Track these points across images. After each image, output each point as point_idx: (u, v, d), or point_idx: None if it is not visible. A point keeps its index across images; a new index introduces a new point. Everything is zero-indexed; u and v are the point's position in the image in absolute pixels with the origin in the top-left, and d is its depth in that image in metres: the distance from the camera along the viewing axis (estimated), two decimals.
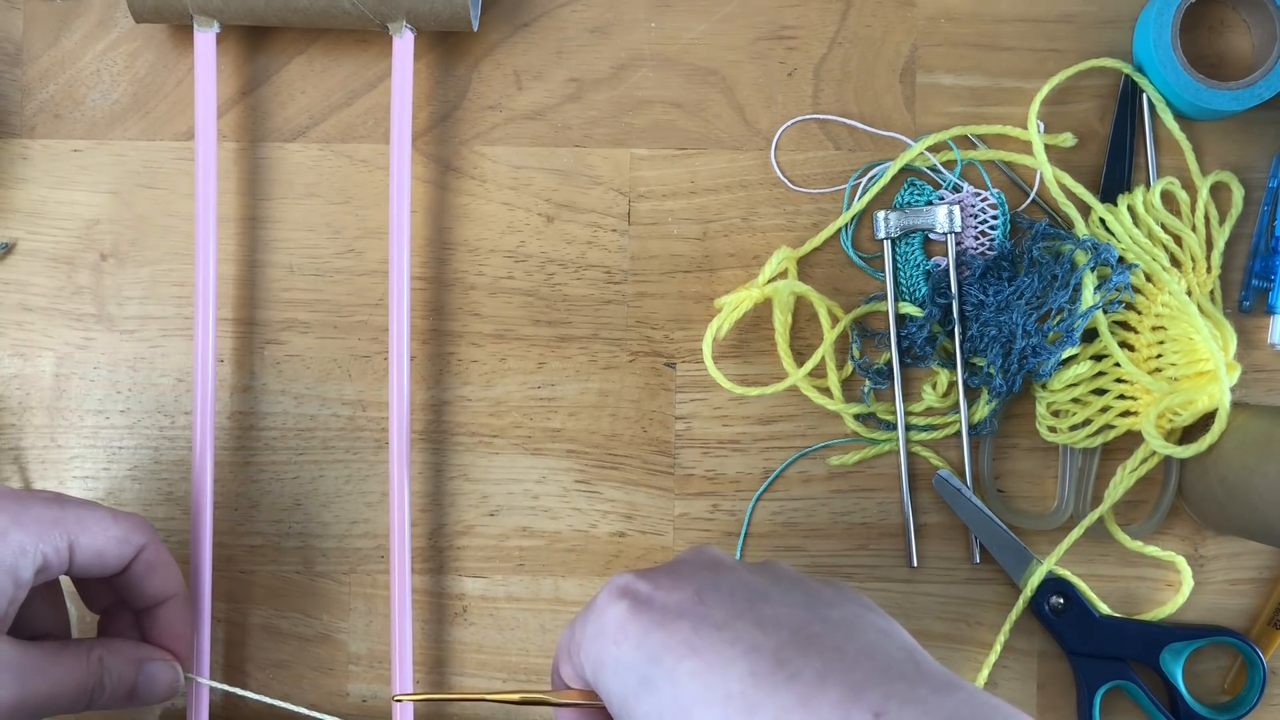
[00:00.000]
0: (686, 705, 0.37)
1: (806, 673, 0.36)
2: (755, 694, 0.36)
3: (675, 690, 0.37)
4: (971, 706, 0.35)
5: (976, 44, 0.58)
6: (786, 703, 0.35)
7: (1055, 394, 0.56)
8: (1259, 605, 0.58)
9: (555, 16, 0.58)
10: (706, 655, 0.38)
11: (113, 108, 0.58)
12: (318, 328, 0.58)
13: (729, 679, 0.37)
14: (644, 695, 0.38)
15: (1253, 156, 0.58)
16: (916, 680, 0.36)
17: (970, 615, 0.58)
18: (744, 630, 0.38)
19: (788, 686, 0.36)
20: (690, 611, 0.39)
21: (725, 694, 0.36)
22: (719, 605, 0.39)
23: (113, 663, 0.48)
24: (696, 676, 0.37)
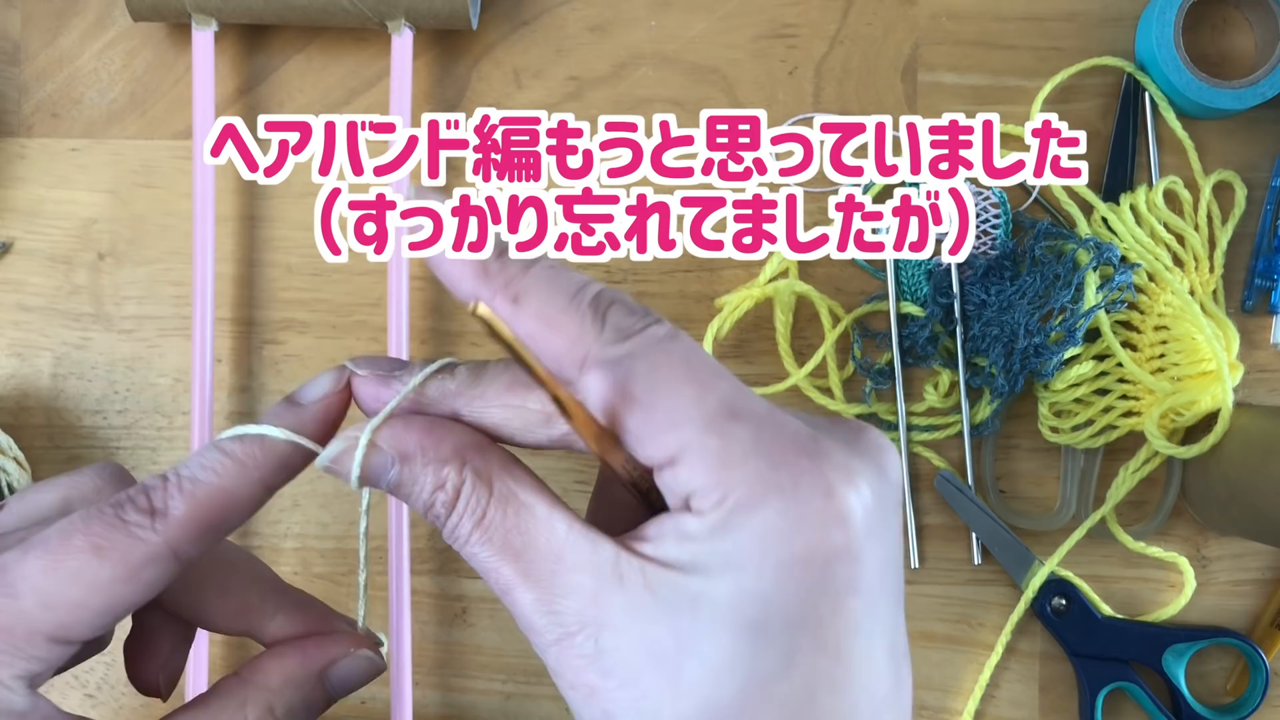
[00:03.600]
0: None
1: None
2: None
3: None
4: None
5: (978, 42, 0.58)
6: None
7: (1057, 394, 0.56)
8: (1262, 606, 0.57)
9: (555, 15, 0.58)
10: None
11: (110, 106, 0.58)
12: (316, 327, 0.58)
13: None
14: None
15: (1255, 155, 0.58)
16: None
17: (972, 616, 0.58)
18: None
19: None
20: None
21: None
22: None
23: (285, 703, 0.36)
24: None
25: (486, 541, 0.31)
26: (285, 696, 0.36)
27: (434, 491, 0.32)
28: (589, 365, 0.30)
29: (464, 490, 0.31)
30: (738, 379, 0.30)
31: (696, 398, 0.29)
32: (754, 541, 0.28)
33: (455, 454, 0.32)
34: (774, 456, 0.29)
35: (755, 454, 0.29)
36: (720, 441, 0.29)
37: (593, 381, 0.30)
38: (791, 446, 0.29)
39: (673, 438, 0.29)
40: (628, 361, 0.30)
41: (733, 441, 0.29)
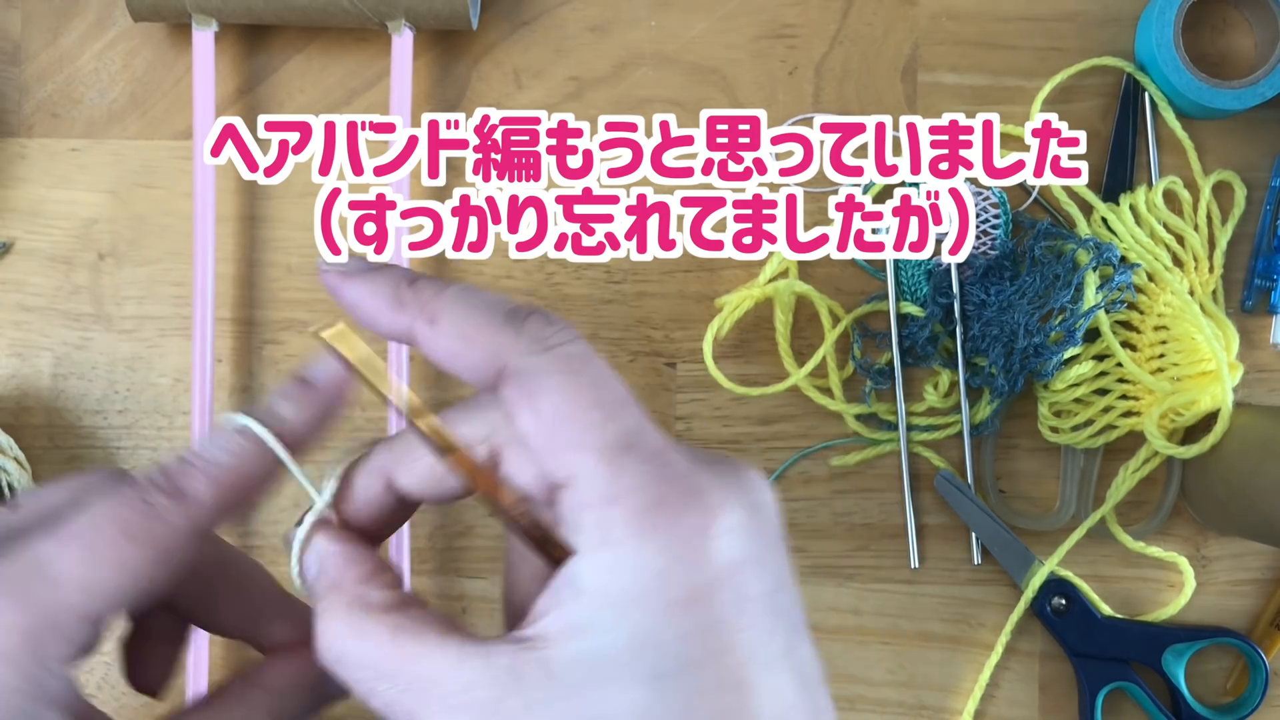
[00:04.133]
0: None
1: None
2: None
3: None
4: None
5: (978, 42, 0.58)
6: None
7: (1057, 394, 0.56)
8: (1261, 606, 0.57)
9: (555, 15, 0.58)
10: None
11: (111, 106, 0.58)
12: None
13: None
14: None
15: (1255, 155, 0.58)
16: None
17: (972, 616, 0.58)
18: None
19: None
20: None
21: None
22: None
23: (286, 709, 0.36)
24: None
25: (384, 658, 0.32)
26: (289, 699, 0.36)
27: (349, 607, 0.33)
28: (505, 376, 0.31)
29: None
30: (642, 411, 0.31)
31: (599, 423, 0.30)
32: (640, 583, 0.29)
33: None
34: (657, 494, 0.29)
35: (640, 490, 0.29)
36: (610, 472, 0.29)
37: (509, 394, 0.31)
38: (673, 484, 0.29)
39: (570, 460, 0.30)
40: (541, 377, 0.30)
41: (622, 474, 0.29)
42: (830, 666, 0.58)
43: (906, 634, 0.58)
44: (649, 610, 0.29)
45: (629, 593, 0.29)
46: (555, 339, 0.31)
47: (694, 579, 0.29)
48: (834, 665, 0.57)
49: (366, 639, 0.32)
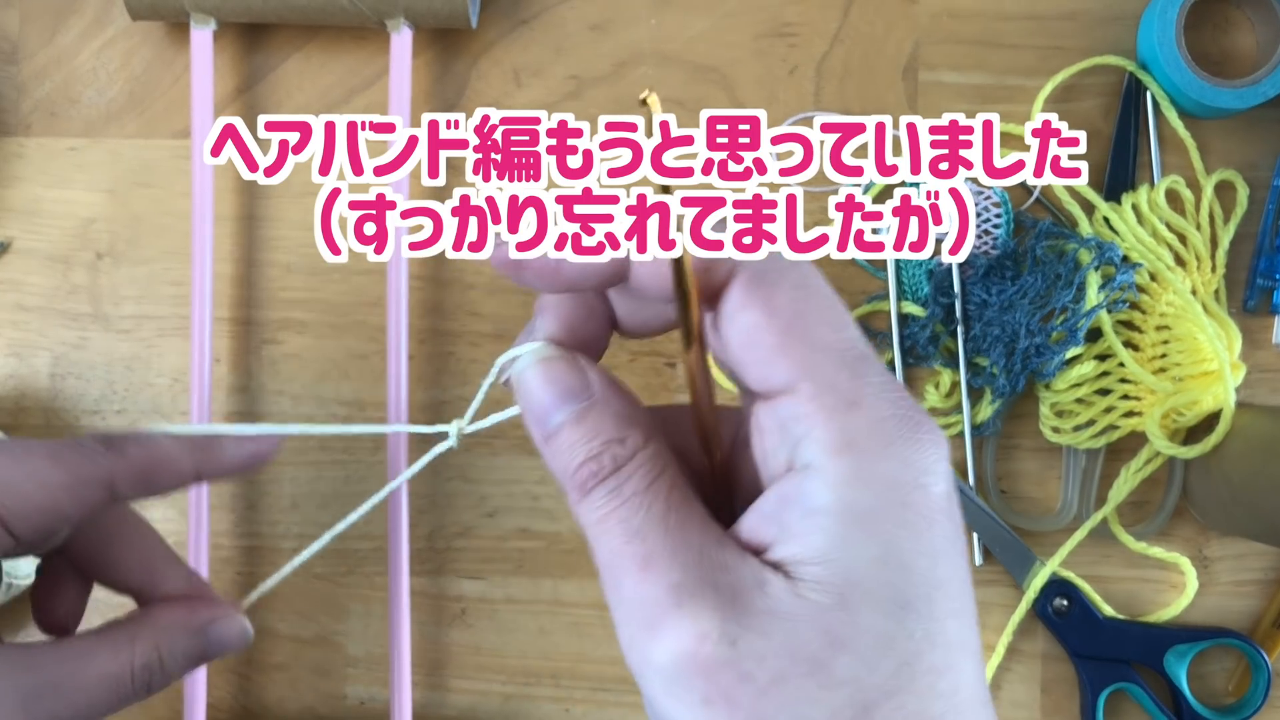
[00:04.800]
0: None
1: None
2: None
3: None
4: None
5: (979, 41, 0.58)
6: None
7: (1059, 394, 0.56)
8: (1263, 607, 0.57)
9: (555, 13, 0.58)
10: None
11: (109, 105, 0.58)
12: (315, 327, 0.58)
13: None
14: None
15: (1257, 154, 0.58)
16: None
17: None
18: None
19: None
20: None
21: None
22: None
23: (169, 643, 0.39)
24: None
25: (645, 507, 0.28)
26: (169, 639, 0.39)
27: (608, 443, 0.29)
28: (737, 271, 0.30)
29: (643, 454, 0.29)
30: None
31: (834, 327, 0.29)
32: (887, 496, 0.27)
33: (646, 421, 0.30)
34: (899, 405, 0.28)
35: (881, 398, 0.28)
36: (850, 378, 0.28)
37: (737, 290, 0.30)
38: (906, 400, 0.28)
39: (803, 359, 0.28)
40: (776, 274, 0.30)
41: (863, 381, 0.28)
42: None
43: None
44: (897, 526, 0.27)
45: (877, 506, 0.27)
46: (785, 256, 0.31)
47: (934, 499, 0.27)
48: None
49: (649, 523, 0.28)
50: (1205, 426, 0.55)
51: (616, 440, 0.29)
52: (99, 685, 0.37)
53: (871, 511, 0.27)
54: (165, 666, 0.39)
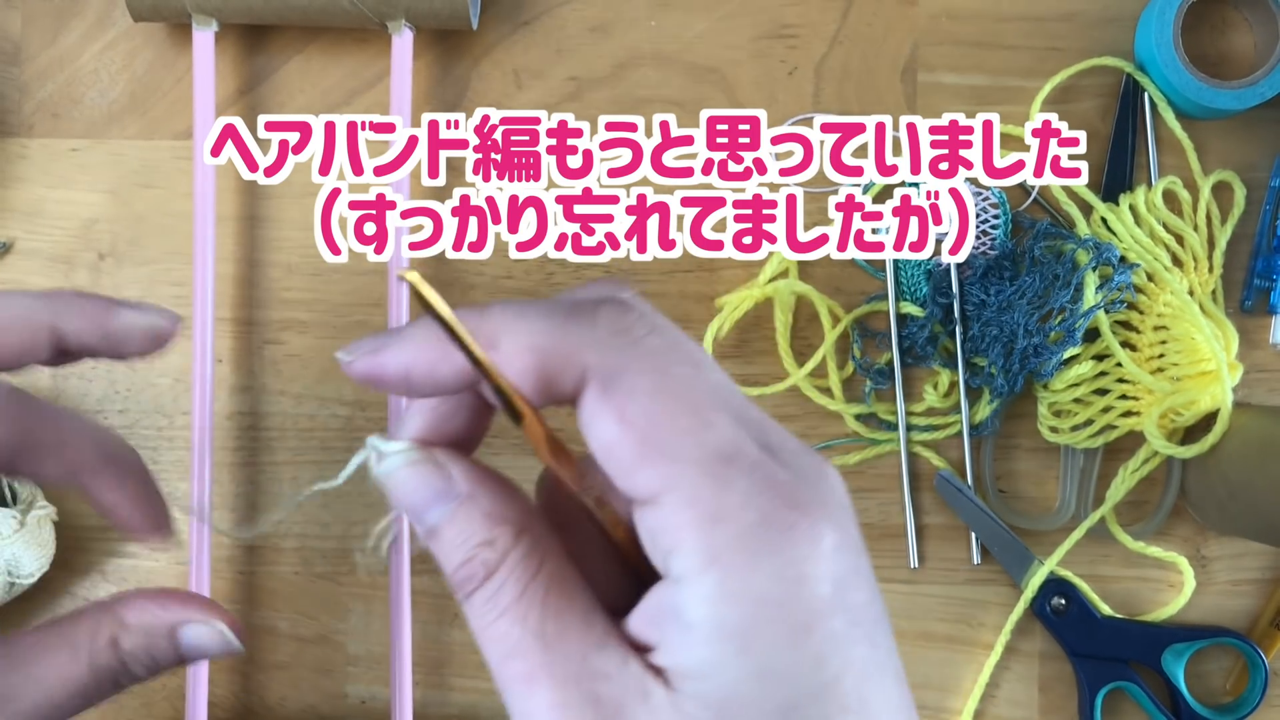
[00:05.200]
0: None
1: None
2: None
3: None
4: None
5: (978, 42, 0.58)
6: None
7: (1057, 394, 0.56)
8: (1261, 606, 0.57)
9: (555, 15, 0.58)
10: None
11: (111, 107, 0.58)
12: (316, 327, 0.58)
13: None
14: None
15: (1254, 155, 0.58)
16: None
17: (971, 616, 0.58)
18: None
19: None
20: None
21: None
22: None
23: (133, 645, 0.35)
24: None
25: (520, 620, 0.27)
26: (134, 636, 0.35)
27: (478, 547, 0.28)
28: (588, 380, 0.27)
29: (513, 556, 0.28)
30: (739, 404, 0.28)
31: (696, 430, 0.27)
32: (759, 612, 0.26)
33: (517, 515, 0.29)
34: (765, 510, 0.26)
35: (746, 506, 0.26)
36: (713, 489, 0.26)
37: (589, 399, 0.27)
38: (778, 499, 0.27)
39: (664, 471, 0.27)
40: (627, 377, 0.27)
41: (726, 489, 0.26)
42: None
43: (906, 634, 0.58)
44: (769, 641, 0.26)
45: (748, 622, 0.26)
46: (637, 329, 0.28)
47: (810, 603, 0.26)
48: None
49: (513, 622, 0.28)
50: (1203, 426, 0.55)
51: (485, 543, 0.28)
52: (57, 689, 0.34)
53: (744, 628, 0.26)
54: (130, 670, 0.35)
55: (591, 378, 0.27)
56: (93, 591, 0.58)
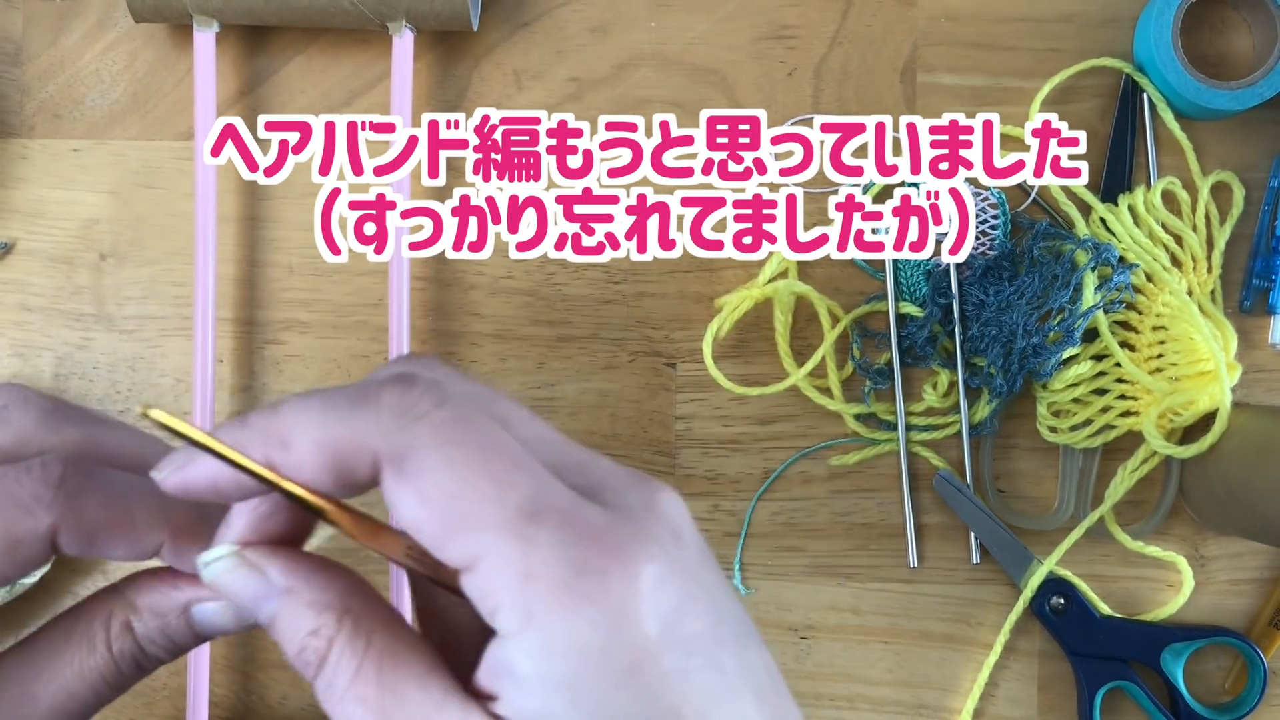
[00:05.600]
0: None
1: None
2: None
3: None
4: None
5: (977, 43, 0.58)
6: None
7: (1056, 394, 0.56)
8: (1260, 605, 0.58)
9: (555, 16, 0.58)
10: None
11: (112, 107, 0.58)
12: (317, 328, 0.58)
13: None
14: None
15: (1253, 156, 0.58)
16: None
17: (970, 615, 0.58)
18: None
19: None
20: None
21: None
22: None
23: (145, 625, 0.34)
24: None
25: (360, 700, 0.28)
26: (147, 620, 0.34)
27: (307, 637, 0.29)
28: (381, 465, 0.28)
29: (339, 640, 0.29)
30: (537, 461, 0.28)
31: (496, 496, 0.27)
32: (580, 662, 0.27)
33: (339, 598, 0.30)
34: (576, 562, 0.27)
35: (556, 561, 0.27)
36: (520, 547, 0.27)
37: (387, 486, 0.28)
38: (591, 546, 0.27)
39: (471, 541, 0.27)
40: (418, 456, 0.27)
41: (533, 547, 0.27)
42: (829, 666, 0.58)
43: (905, 633, 0.58)
44: (597, 687, 0.27)
45: (572, 673, 0.27)
46: (421, 405, 0.28)
47: (635, 644, 0.27)
48: (833, 664, 0.58)
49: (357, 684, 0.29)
50: (1202, 426, 0.55)
51: (311, 633, 0.29)
52: (77, 684, 0.33)
53: (571, 678, 0.27)
54: (149, 654, 0.34)
55: (384, 463, 0.28)
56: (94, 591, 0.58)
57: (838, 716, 0.58)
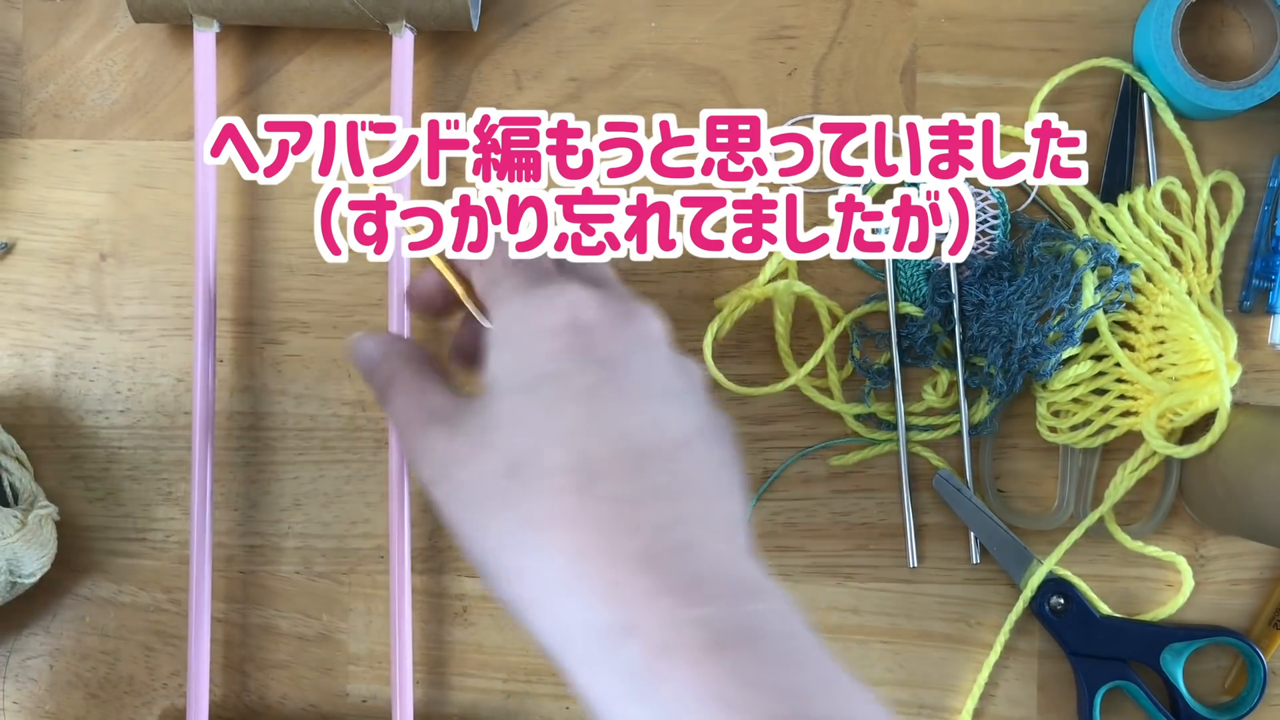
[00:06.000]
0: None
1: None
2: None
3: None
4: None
5: (977, 43, 0.58)
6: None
7: (1056, 394, 0.56)
8: (1260, 605, 0.58)
9: (555, 16, 0.58)
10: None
11: (112, 107, 0.58)
12: (317, 328, 0.58)
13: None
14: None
15: (1253, 156, 0.58)
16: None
17: (970, 615, 0.58)
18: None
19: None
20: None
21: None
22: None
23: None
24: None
25: (406, 396, 0.43)
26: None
27: (386, 371, 0.45)
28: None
29: (403, 374, 0.45)
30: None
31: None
32: (511, 326, 0.42)
33: (408, 349, 0.46)
34: (529, 279, 0.45)
35: (519, 276, 0.45)
36: (504, 270, 0.46)
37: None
38: (538, 277, 0.44)
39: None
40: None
41: (509, 273, 0.45)
42: None
43: (905, 633, 0.58)
44: (522, 342, 0.41)
45: (507, 333, 0.42)
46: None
47: (549, 321, 0.41)
48: None
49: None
50: (1201, 426, 0.55)
51: (384, 371, 0.45)
52: None
53: (508, 336, 0.43)
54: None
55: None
56: (94, 591, 0.58)
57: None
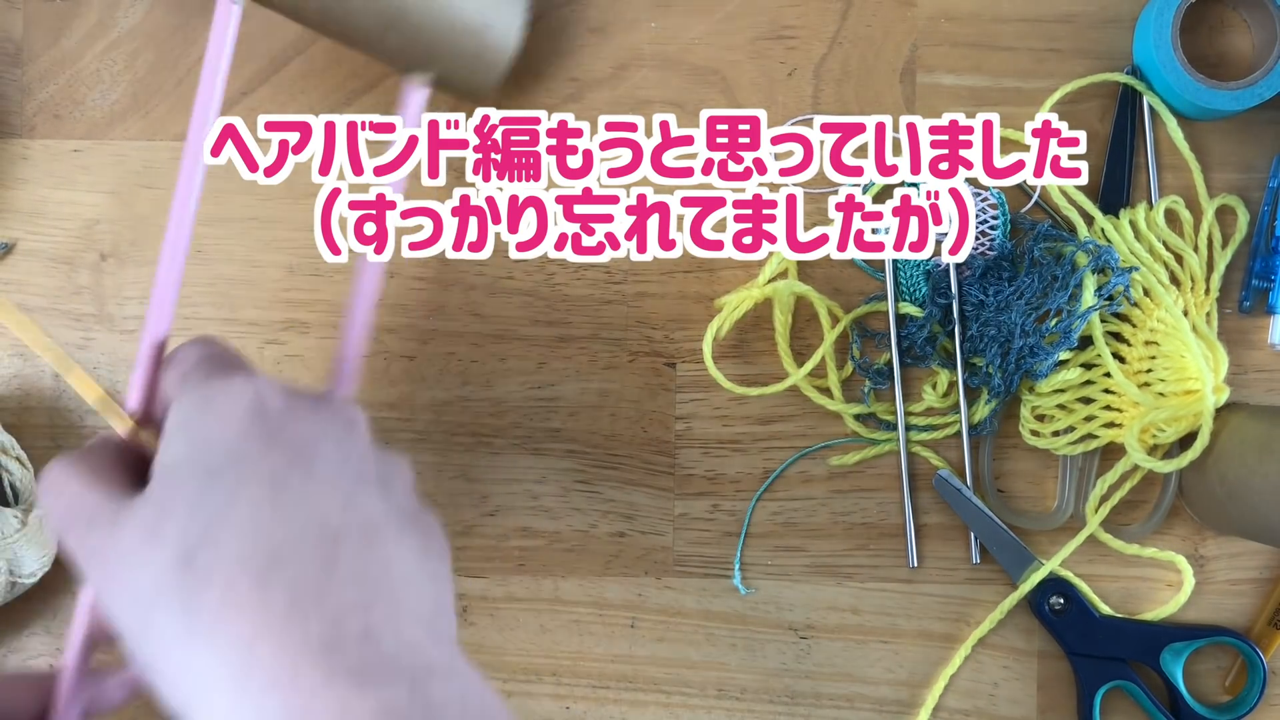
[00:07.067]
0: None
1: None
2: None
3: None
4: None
5: (977, 44, 0.58)
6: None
7: (1041, 398, 0.56)
8: (1259, 605, 0.58)
9: (555, 16, 0.58)
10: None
11: (113, 108, 0.58)
12: (318, 328, 0.58)
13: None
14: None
15: (1253, 156, 0.58)
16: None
17: (970, 616, 0.58)
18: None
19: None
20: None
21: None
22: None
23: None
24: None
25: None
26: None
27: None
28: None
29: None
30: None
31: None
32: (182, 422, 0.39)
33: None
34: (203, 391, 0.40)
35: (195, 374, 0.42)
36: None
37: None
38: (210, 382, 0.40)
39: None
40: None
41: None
42: (829, 665, 0.58)
43: (905, 633, 0.58)
44: (200, 428, 0.38)
45: (185, 421, 0.38)
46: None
47: (231, 407, 0.38)
48: (833, 664, 0.58)
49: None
50: (1196, 432, 0.55)
51: (45, 483, 0.40)
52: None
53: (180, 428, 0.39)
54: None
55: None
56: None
57: (837, 716, 0.58)
